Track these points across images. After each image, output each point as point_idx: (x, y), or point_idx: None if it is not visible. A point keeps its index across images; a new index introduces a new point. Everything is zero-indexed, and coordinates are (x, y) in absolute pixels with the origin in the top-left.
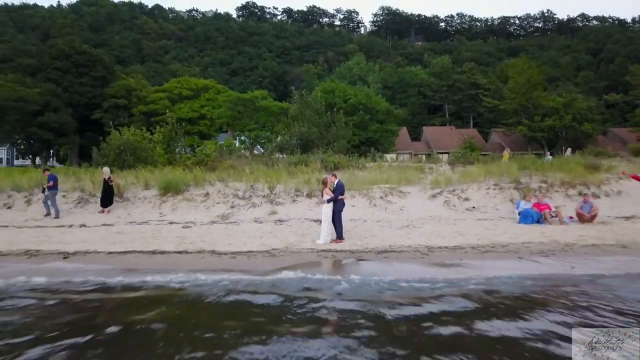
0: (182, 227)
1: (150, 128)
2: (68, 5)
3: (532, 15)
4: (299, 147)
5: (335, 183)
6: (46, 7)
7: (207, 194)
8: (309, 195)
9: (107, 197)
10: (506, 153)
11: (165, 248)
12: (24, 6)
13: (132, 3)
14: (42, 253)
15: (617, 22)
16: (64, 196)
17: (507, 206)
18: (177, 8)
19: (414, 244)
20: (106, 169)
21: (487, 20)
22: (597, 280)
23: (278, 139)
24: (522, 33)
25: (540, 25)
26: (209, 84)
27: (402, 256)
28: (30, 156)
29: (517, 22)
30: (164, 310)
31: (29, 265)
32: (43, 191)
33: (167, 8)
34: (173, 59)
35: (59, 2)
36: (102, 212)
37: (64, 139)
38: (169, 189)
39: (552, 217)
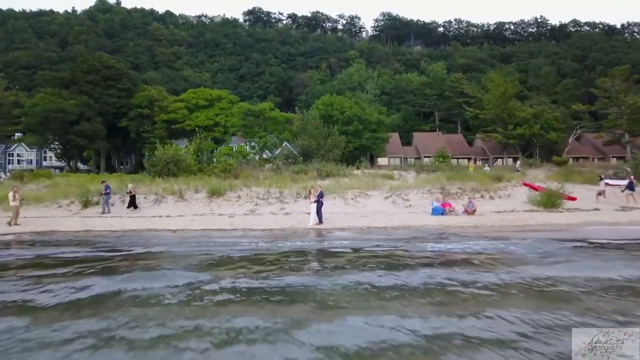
0: (229, 217)
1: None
2: (83, 11)
3: (526, 21)
4: (301, 156)
5: (319, 191)
6: (61, 12)
7: (239, 196)
8: (306, 197)
9: (131, 202)
10: (470, 165)
11: (224, 227)
12: (41, 12)
13: (144, 10)
14: (157, 230)
15: (606, 28)
16: (144, 198)
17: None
18: (187, 13)
19: (361, 225)
20: (130, 185)
21: (483, 25)
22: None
23: (284, 144)
24: (516, 38)
25: (534, 31)
26: (222, 95)
27: (352, 230)
28: (65, 159)
29: (512, 27)
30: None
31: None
32: (101, 195)
33: (177, 14)
34: (185, 65)
35: (73, 7)
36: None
37: (95, 144)
38: (214, 193)
39: (450, 211)
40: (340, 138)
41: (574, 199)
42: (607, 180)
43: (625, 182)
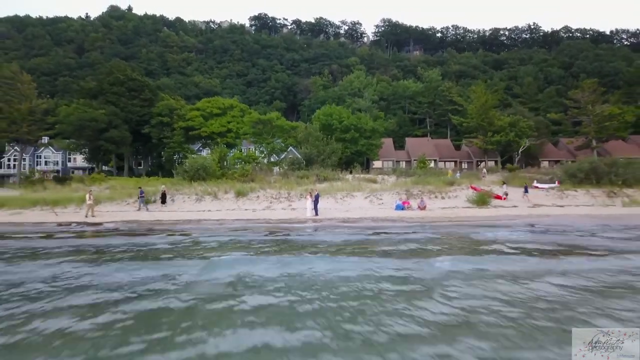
0: (252, 211)
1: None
2: (96, 18)
3: (520, 27)
4: (304, 162)
5: (316, 193)
6: (75, 18)
7: (258, 196)
8: (306, 197)
9: (163, 199)
10: (449, 171)
11: (250, 218)
12: (57, 19)
13: (155, 16)
14: (204, 220)
15: (596, 34)
16: (188, 197)
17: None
18: (195, 19)
19: (343, 216)
20: (162, 186)
21: (479, 31)
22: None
23: (289, 149)
24: (511, 44)
25: (527, 37)
26: (234, 104)
27: (336, 220)
28: (95, 162)
29: (506, 33)
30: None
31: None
32: (138, 198)
33: (187, 21)
34: (195, 71)
35: (87, 14)
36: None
37: (121, 149)
38: (240, 194)
39: (408, 207)
40: (337, 145)
41: (503, 198)
42: (537, 184)
43: (553, 185)
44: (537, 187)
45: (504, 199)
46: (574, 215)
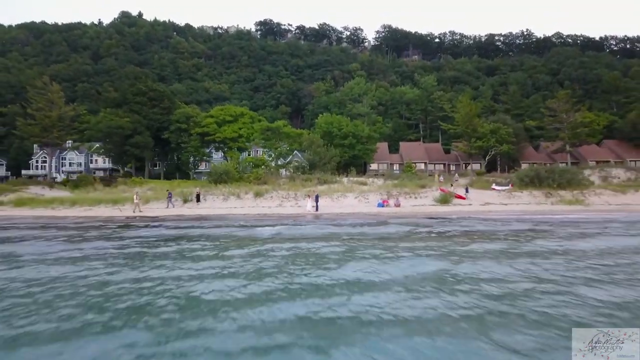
0: (268, 208)
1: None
2: (109, 24)
3: (514, 33)
4: (307, 167)
5: (316, 194)
6: (88, 24)
7: (272, 197)
8: (309, 197)
9: (198, 198)
10: (436, 175)
11: (266, 213)
12: (72, 26)
13: (165, 23)
14: (232, 214)
15: (586, 41)
16: (217, 197)
17: None
18: (203, 24)
19: (337, 212)
20: (197, 189)
21: (475, 37)
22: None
23: (294, 152)
24: (505, 49)
25: (521, 42)
26: (244, 111)
27: (332, 214)
28: (121, 165)
29: (501, 39)
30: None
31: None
32: (167, 198)
33: (196, 27)
34: (205, 76)
35: (99, 19)
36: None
37: (143, 153)
38: (258, 194)
39: (387, 205)
40: (336, 151)
41: (463, 197)
42: (494, 186)
43: (506, 187)
44: (494, 189)
45: (464, 198)
46: (508, 211)
